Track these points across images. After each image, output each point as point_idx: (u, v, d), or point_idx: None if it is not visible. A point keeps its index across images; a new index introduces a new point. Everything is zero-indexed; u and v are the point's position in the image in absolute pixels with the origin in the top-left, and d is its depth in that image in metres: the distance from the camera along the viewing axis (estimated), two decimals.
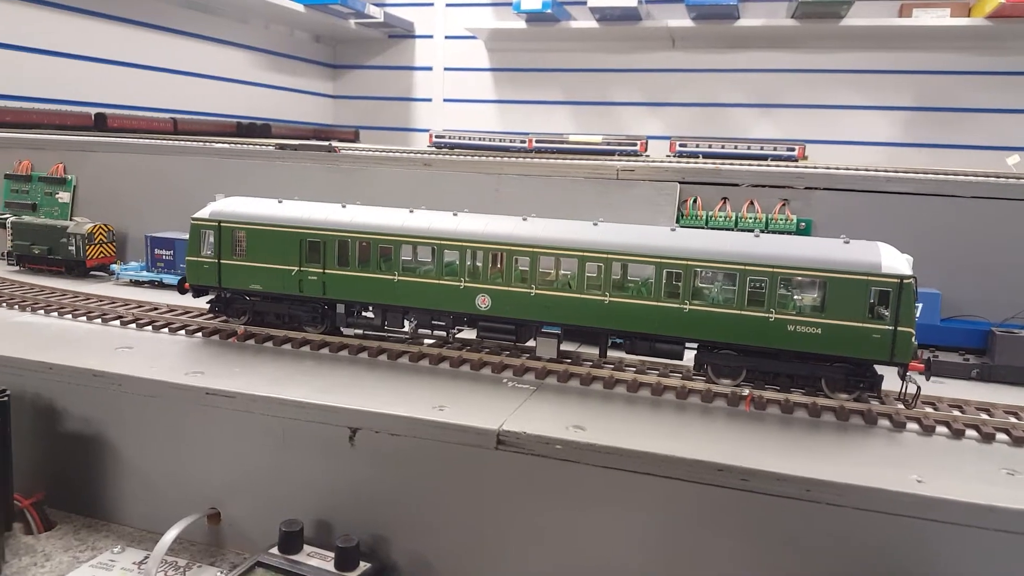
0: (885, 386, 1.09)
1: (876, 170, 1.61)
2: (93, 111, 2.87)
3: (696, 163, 1.75)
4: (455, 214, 1.26)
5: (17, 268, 1.91)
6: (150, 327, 1.38)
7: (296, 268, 1.28)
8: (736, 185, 1.54)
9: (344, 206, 1.31)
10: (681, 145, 2.18)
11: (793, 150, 2.09)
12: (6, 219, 1.92)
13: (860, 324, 1.04)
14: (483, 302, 1.20)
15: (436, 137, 2.42)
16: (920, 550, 0.85)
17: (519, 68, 4.18)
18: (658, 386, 1.13)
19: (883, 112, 3.71)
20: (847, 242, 1.08)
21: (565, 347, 1.25)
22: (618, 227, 1.19)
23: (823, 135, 3.70)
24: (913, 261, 1.05)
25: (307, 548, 1.01)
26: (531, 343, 1.24)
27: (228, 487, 1.12)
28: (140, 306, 1.49)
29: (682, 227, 1.51)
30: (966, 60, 3.55)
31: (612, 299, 1.14)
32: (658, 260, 1.11)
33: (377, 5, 4.04)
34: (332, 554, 0.99)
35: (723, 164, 1.68)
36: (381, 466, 1.03)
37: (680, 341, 1.14)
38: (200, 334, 1.35)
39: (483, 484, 1.00)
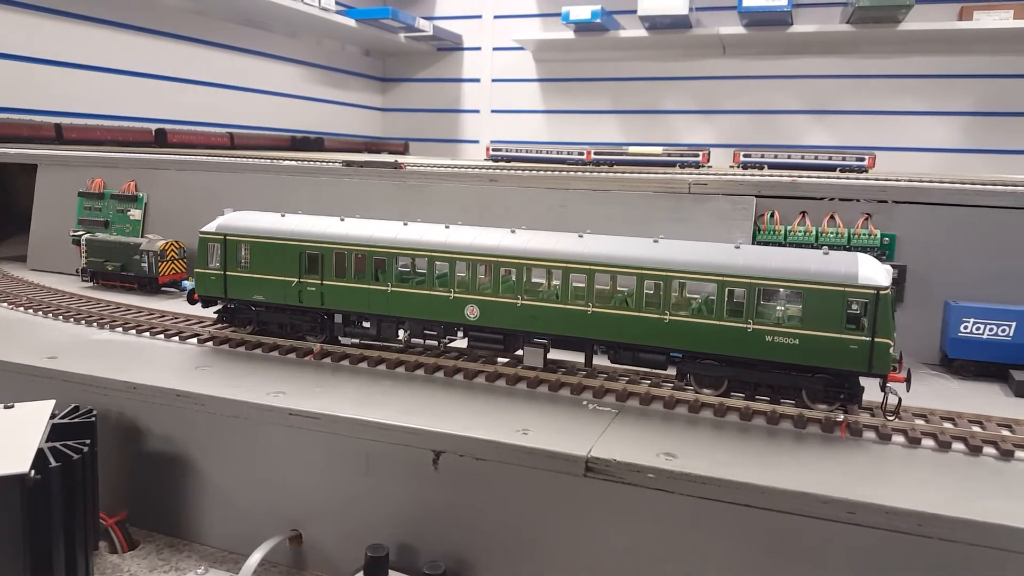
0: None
1: (963, 182, 1.54)
2: (153, 127, 2.94)
3: (772, 175, 1.70)
4: (447, 226, 1.28)
5: (91, 284, 1.95)
6: (226, 345, 1.39)
7: (296, 279, 1.32)
8: (814, 199, 1.50)
9: (342, 219, 1.35)
10: (745, 155, 2.13)
11: (863, 159, 2.02)
12: (80, 236, 1.97)
13: (837, 335, 1.03)
14: (471, 312, 1.22)
15: (493, 150, 2.41)
16: None
17: (568, 78, 4.17)
18: (747, 411, 1.10)
19: (943, 117, 3.60)
20: (826, 253, 1.09)
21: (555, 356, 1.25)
22: (602, 239, 1.21)
23: (880, 141, 3.61)
24: (893, 272, 1.05)
25: (392, 574, 1.01)
26: (520, 352, 1.26)
27: (310, 509, 1.12)
28: (215, 323, 1.50)
29: (758, 243, 1.49)
30: None
31: (595, 309, 1.15)
32: (638, 271, 1.13)
33: (426, 19, 4.07)
34: None
35: (799, 176, 1.63)
36: (466, 490, 1.02)
37: (662, 351, 1.15)
38: (276, 352, 1.36)
39: (570, 511, 0.98)
